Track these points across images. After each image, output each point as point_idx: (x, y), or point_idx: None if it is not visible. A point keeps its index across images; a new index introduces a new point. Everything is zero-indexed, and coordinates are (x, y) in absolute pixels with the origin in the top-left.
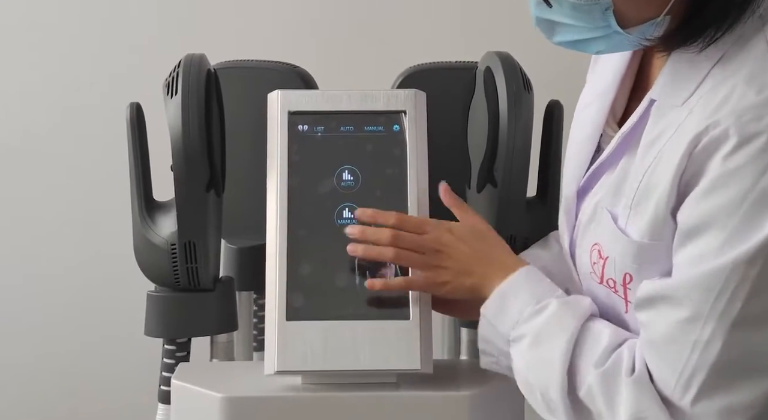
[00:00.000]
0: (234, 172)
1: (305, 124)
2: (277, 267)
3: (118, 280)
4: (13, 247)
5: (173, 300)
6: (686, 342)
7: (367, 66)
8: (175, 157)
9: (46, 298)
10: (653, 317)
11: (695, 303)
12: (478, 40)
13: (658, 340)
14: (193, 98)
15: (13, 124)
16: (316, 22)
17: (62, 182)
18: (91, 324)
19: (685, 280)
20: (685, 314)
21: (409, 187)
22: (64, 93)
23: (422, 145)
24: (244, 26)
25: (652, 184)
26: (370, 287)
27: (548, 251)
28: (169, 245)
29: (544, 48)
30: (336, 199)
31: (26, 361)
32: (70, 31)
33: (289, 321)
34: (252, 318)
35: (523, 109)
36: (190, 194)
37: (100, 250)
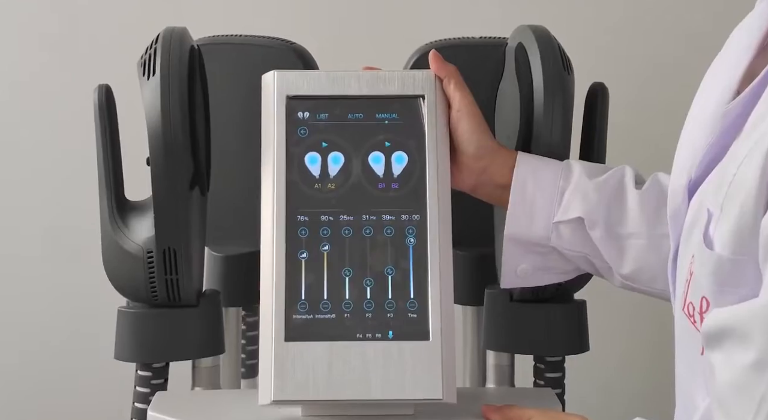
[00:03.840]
0: (221, 167)
1: (306, 110)
2: (274, 278)
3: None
4: None
5: (149, 317)
6: (752, 397)
7: (378, 42)
8: (152, 149)
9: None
10: (719, 360)
11: (765, 342)
12: (508, 11)
13: (723, 391)
14: (173, 79)
15: None
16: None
17: (14, 178)
18: (50, 348)
19: (758, 310)
20: (752, 357)
21: (428, 185)
22: (16, 74)
23: (443, 135)
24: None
25: (742, 179)
26: None
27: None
28: (144, 253)
29: (586, 21)
30: (343, 198)
31: None
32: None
33: (287, 342)
34: (240, 339)
35: (562, 94)
36: (170, 192)
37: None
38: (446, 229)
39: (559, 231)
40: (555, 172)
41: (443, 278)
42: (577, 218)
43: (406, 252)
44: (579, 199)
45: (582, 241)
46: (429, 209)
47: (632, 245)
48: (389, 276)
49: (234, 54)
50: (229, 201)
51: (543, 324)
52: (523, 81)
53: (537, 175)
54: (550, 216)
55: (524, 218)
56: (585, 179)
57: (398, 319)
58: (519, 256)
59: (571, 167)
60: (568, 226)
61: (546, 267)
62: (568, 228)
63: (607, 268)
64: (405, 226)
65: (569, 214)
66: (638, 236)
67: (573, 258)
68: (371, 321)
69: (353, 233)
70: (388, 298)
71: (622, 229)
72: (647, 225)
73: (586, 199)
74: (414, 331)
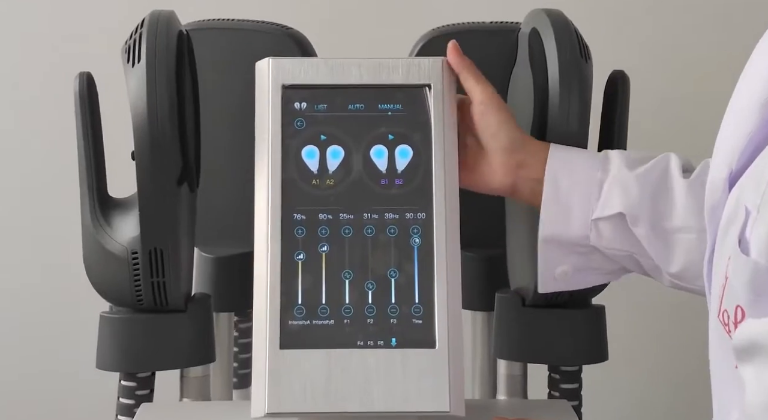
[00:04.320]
0: (212, 162)
1: (303, 101)
2: (268, 281)
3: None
4: None
5: (133, 323)
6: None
7: (381, 27)
8: (137, 142)
9: None
10: (750, 375)
11: None
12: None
13: (752, 410)
14: (160, 67)
15: None
16: None
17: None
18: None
19: None
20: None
21: (435, 180)
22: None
23: (451, 127)
24: None
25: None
26: None
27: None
28: (128, 254)
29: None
30: (343, 195)
31: None
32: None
33: (283, 349)
34: (232, 346)
35: (579, 83)
36: (157, 189)
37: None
38: (454, 229)
39: (599, 229)
40: (591, 164)
41: (450, 281)
42: (617, 214)
43: (410, 253)
44: (619, 192)
45: (625, 238)
46: (435, 207)
47: (681, 241)
48: (392, 279)
49: (225, 39)
50: (221, 198)
51: (558, 331)
52: (538, 69)
53: (571, 168)
54: (587, 212)
55: (560, 216)
56: (625, 170)
57: (402, 326)
58: (557, 257)
59: (609, 158)
60: (609, 223)
61: (588, 268)
62: (609, 225)
63: (654, 266)
64: (409, 225)
65: (609, 209)
66: (687, 230)
67: (616, 257)
68: (373, 327)
69: (354, 233)
70: (391, 302)
71: (669, 224)
72: (697, 217)
73: (627, 192)
74: (419, 339)
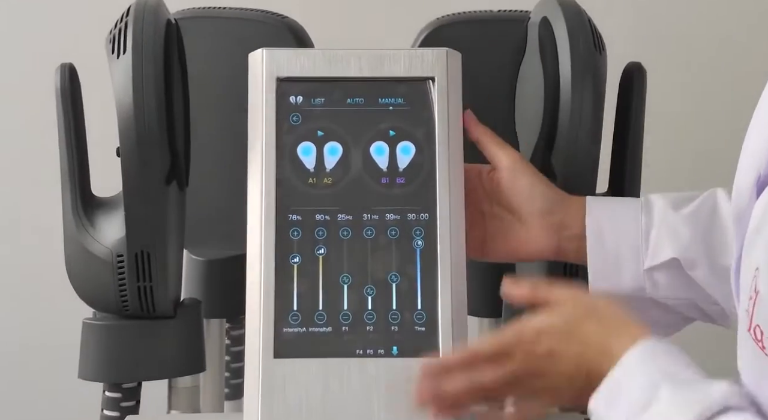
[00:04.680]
0: (203, 159)
1: (299, 94)
2: (262, 286)
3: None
4: None
5: (118, 330)
6: None
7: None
8: (122, 138)
9: None
10: None
11: None
12: None
13: None
14: (147, 58)
15: None
16: None
17: None
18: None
19: None
20: None
21: (439, 179)
22: None
23: (456, 123)
24: None
25: None
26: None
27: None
28: (113, 257)
29: None
30: (341, 194)
31: None
32: None
33: (277, 358)
34: (224, 355)
35: (593, 76)
36: (144, 188)
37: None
38: (459, 230)
39: (654, 279)
40: (633, 210)
41: (455, 286)
42: (671, 260)
43: (412, 256)
44: (669, 237)
45: (683, 285)
46: (439, 207)
47: None
48: (393, 283)
49: (217, 29)
50: (211, 198)
51: None
52: (548, 62)
53: (613, 218)
54: (638, 263)
55: (609, 270)
56: (671, 213)
57: (404, 333)
58: None
59: (650, 202)
60: (663, 271)
61: (646, 322)
62: (664, 273)
63: (719, 311)
64: (412, 226)
65: (661, 256)
66: None
67: (677, 307)
68: (373, 335)
69: (352, 235)
70: (392, 309)
71: (729, 261)
72: None
73: (677, 235)
74: (422, 347)
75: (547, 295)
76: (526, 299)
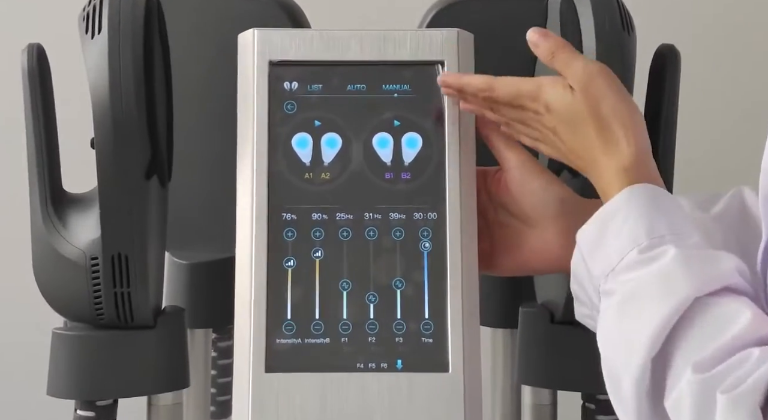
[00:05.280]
0: (186, 151)
1: (295, 80)
2: (252, 292)
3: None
4: None
5: (92, 342)
6: None
7: None
8: (98, 127)
9: None
10: None
11: None
12: None
13: None
14: (125, 38)
15: None
16: None
17: None
18: None
19: None
20: None
21: (449, 175)
22: None
23: (468, 112)
24: None
25: None
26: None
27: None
28: (87, 259)
29: None
30: (341, 191)
31: None
32: None
33: (269, 373)
34: (210, 369)
35: (620, 59)
36: (121, 183)
37: None
38: (471, 232)
39: None
40: None
41: (467, 293)
42: None
43: (419, 260)
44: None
45: None
46: (449, 206)
47: None
48: (398, 290)
49: (202, 6)
50: (196, 194)
51: (593, 352)
52: (571, 43)
53: None
54: None
55: None
56: (699, 213)
57: (409, 345)
58: None
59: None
60: None
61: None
62: None
63: None
64: (418, 227)
65: None
66: None
67: None
68: (375, 347)
69: (353, 236)
70: (396, 318)
71: None
72: None
73: (709, 237)
74: (429, 361)
75: (567, 65)
76: (545, 54)
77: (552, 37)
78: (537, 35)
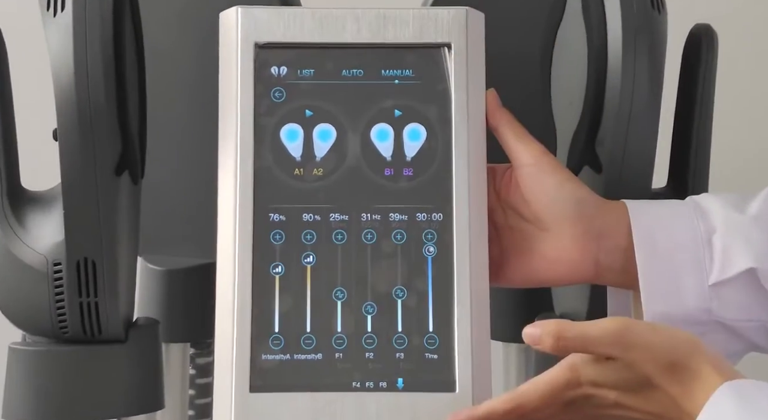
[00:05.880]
0: (162, 144)
1: (283, 64)
2: (235, 302)
3: None
4: None
5: (55, 358)
6: None
7: None
8: (61, 117)
9: None
10: None
11: None
12: None
13: None
14: (92, 17)
15: None
16: None
17: None
18: None
19: None
20: None
21: (456, 171)
22: None
23: (477, 100)
24: None
25: None
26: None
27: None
28: (49, 265)
29: None
30: (335, 189)
31: None
32: None
33: (254, 393)
34: (187, 388)
35: (650, 43)
36: (88, 180)
37: None
38: (480, 234)
39: (722, 296)
40: (685, 214)
41: (476, 304)
42: (745, 271)
43: (423, 266)
44: (740, 243)
45: (758, 302)
46: (456, 206)
47: None
48: (399, 300)
49: None
50: (173, 192)
51: None
52: (594, 25)
53: (665, 224)
54: (702, 278)
55: (667, 288)
56: (735, 215)
57: (412, 362)
58: None
59: (700, 203)
60: (735, 286)
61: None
62: (735, 288)
63: None
64: (422, 229)
65: (732, 268)
66: None
67: (746, 331)
68: (373, 364)
69: (348, 239)
70: (397, 331)
71: None
72: None
73: (749, 241)
74: (434, 380)
75: (600, 346)
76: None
77: (540, 324)
78: (530, 338)
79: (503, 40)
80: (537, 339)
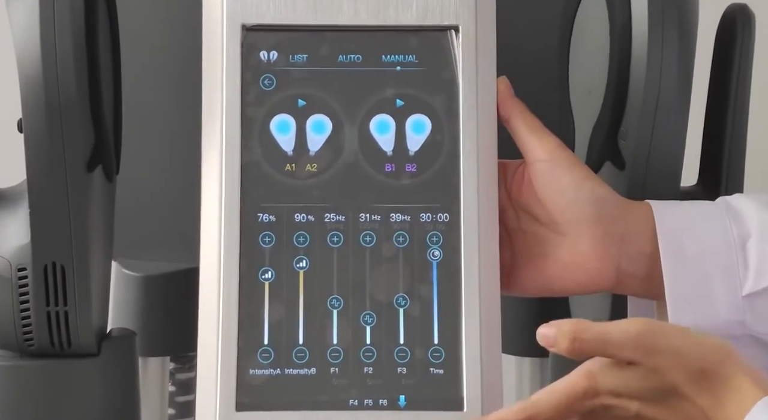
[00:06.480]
0: (138, 138)
1: (274, 49)
2: (220, 312)
3: None
4: None
5: (20, 373)
6: None
7: None
8: (27, 107)
9: None
10: None
11: None
12: None
13: None
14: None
15: None
16: None
17: None
18: None
19: None
20: None
21: (464, 167)
22: None
23: (487, 88)
24: None
25: None
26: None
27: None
28: (13, 271)
29: None
30: (331, 187)
31: None
32: None
33: (241, 412)
34: (167, 407)
35: (679, 23)
36: (57, 176)
37: None
38: (491, 237)
39: (756, 308)
40: (716, 217)
41: (486, 313)
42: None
43: (427, 272)
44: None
45: None
46: (464, 206)
47: None
48: (401, 309)
49: None
50: (152, 190)
51: None
52: (616, 4)
53: (693, 227)
54: (735, 287)
55: (696, 297)
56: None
57: (415, 377)
58: None
59: (734, 205)
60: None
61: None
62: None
63: None
64: (427, 231)
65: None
66: None
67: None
68: (373, 380)
69: (345, 242)
70: (399, 343)
71: None
72: None
73: None
74: (439, 397)
75: (621, 349)
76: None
77: (556, 324)
78: (545, 338)
79: (516, 23)
80: (552, 340)
